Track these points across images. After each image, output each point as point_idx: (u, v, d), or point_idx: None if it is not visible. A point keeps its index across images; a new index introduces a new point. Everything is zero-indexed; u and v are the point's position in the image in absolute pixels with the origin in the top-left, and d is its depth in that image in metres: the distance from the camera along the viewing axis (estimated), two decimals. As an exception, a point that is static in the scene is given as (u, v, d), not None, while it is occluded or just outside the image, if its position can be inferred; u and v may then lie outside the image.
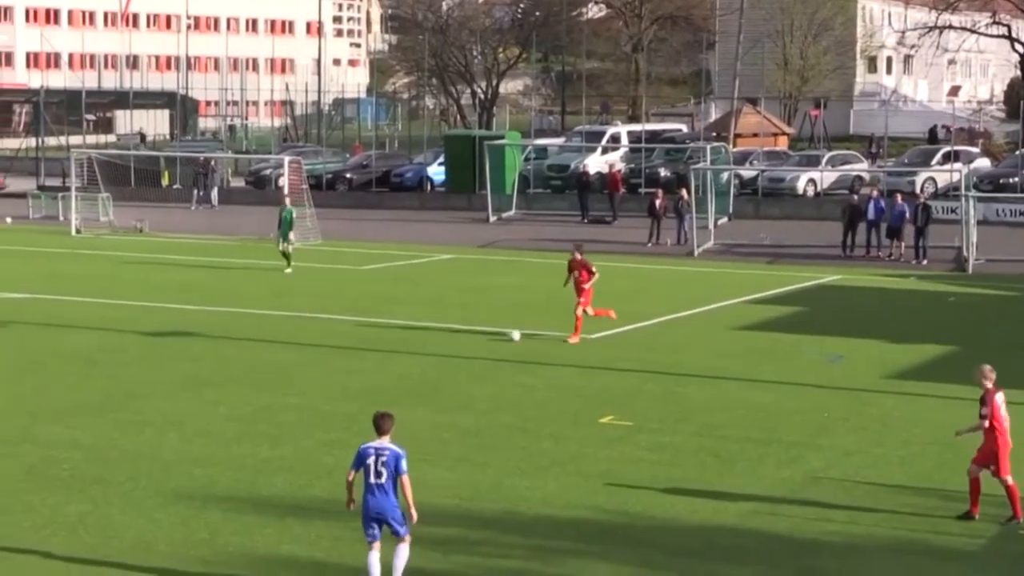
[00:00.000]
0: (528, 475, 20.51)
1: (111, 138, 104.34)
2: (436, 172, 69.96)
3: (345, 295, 39.09)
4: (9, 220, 58.41)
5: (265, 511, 18.58)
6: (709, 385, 26.97)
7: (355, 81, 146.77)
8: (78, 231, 54.36)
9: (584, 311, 31.08)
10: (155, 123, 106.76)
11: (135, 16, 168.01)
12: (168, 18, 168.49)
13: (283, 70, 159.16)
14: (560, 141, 78.13)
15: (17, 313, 34.65)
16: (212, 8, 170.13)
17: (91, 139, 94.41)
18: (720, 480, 20.33)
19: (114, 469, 20.56)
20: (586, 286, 31.08)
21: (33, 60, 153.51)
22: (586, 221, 59.83)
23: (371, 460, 15.26)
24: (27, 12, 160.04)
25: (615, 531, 18.10)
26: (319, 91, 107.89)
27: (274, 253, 44.21)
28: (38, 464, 20.73)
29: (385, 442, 15.36)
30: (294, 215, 43.62)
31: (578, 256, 31.42)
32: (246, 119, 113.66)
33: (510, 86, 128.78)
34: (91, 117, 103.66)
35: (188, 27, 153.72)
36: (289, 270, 42.82)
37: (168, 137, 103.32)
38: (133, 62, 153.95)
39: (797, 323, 34.87)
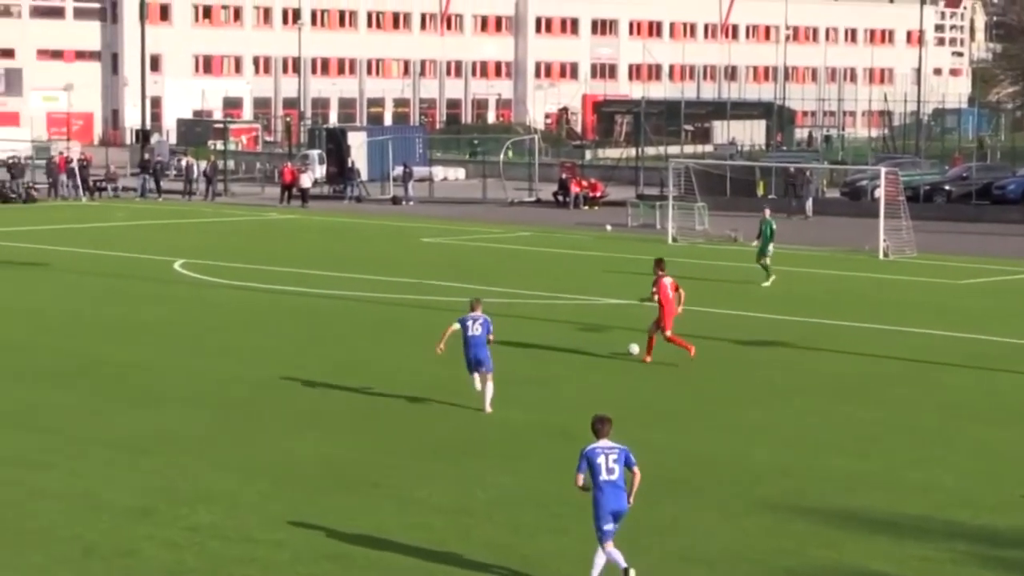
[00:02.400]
0: None
1: (708, 148, 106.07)
2: (1042, 185, 67.36)
3: (942, 309, 38.14)
4: (609, 228, 60.11)
5: (854, 526, 18.27)
6: None
7: (956, 91, 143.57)
8: (674, 239, 55.35)
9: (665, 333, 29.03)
10: (751, 133, 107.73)
11: (734, 27, 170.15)
12: (767, 29, 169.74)
13: (881, 80, 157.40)
14: None
15: (619, 319, 35.52)
16: (811, 18, 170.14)
17: (688, 149, 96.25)
18: None
19: (705, 475, 20.75)
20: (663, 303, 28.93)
21: (635, 72, 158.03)
22: None
23: (601, 459, 15.60)
24: (631, 25, 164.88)
25: None
26: (918, 101, 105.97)
27: (878, 266, 43.68)
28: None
29: (608, 442, 15.72)
30: (774, 227, 42.62)
31: (659, 274, 29.32)
32: (842, 129, 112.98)
33: None
34: (689, 127, 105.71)
35: (787, 38, 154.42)
36: (767, 283, 41.78)
37: (764, 147, 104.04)
38: (731, 73, 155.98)
39: None
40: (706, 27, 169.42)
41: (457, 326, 24.40)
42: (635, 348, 29.71)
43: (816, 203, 67.78)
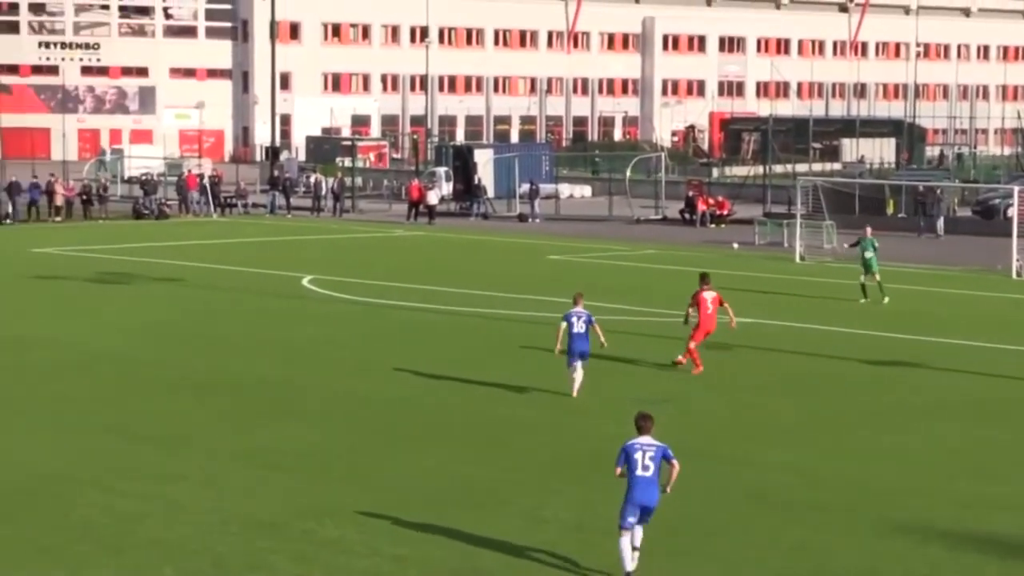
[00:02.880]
0: None
1: (836, 166, 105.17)
2: None
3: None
4: (736, 246, 59.79)
5: (989, 550, 17.98)
6: None
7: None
8: (802, 258, 54.92)
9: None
10: (880, 151, 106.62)
11: (863, 45, 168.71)
12: (897, 46, 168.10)
13: (1015, 97, 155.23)
14: None
15: (746, 338, 35.24)
16: (942, 35, 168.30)
17: (816, 167, 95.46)
18: None
19: (833, 496, 20.52)
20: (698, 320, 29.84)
21: (763, 89, 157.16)
22: None
23: (638, 455, 16.48)
24: (758, 42, 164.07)
25: None
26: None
27: (1012, 286, 42.95)
28: (758, 487, 20.97)
29: (648, 439, 16.57)
30: (876, 245, 41.82)
31: (701, 288, 30.06)
32: (974, 147, 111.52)
33: None
34: (817, 145, 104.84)
35: (917, 55, 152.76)
36: (886, 300, 41.09)
37: (893, 165, 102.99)
38: (860, 90, 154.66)
39: None
40: (835, 44, 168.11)
41: (565, 324, 26.96)
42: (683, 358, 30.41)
43: (947, 222, 66.92)
